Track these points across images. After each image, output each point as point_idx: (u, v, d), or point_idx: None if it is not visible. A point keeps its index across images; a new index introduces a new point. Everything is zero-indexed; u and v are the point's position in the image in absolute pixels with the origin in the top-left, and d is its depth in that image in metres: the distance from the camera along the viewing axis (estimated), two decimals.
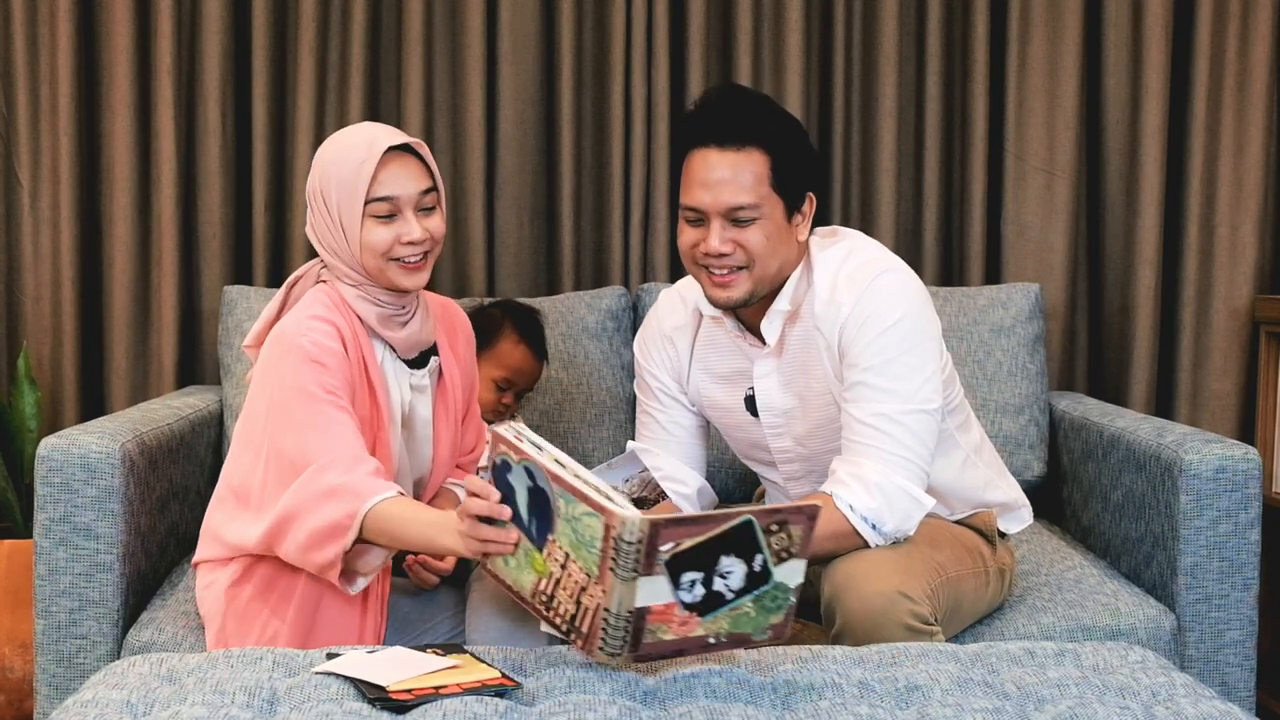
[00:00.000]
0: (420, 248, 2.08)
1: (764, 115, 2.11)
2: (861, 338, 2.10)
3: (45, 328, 3.19)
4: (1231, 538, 2.37)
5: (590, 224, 3.25)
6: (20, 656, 2.85)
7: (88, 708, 1.59)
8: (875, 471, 2.07)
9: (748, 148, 2.07)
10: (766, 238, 2.09)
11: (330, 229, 2.09)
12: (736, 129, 2.07)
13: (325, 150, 2.11)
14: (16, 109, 3.16)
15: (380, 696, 1.60)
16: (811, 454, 2.26)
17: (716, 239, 2.08)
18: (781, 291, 2.16)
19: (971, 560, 2.23)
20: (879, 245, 2.23)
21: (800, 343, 2.19)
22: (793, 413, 2.23)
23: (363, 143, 2.07)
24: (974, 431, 2.35)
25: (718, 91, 2.18)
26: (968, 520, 2.31)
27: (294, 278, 2.21)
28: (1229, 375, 3.23)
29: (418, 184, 2.08)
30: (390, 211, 2.06)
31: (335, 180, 2.07)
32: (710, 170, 2.08)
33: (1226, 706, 1.61)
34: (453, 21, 3.19)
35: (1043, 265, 3.24)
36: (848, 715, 1.57)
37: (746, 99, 2.14)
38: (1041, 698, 1.65)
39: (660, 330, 2.34)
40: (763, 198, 2.08)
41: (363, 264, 2.08)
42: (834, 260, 2.16)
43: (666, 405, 2.34)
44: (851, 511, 2.06)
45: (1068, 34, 3.19)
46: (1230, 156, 3.22)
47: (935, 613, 2.05)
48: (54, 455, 2.28)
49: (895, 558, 2.06)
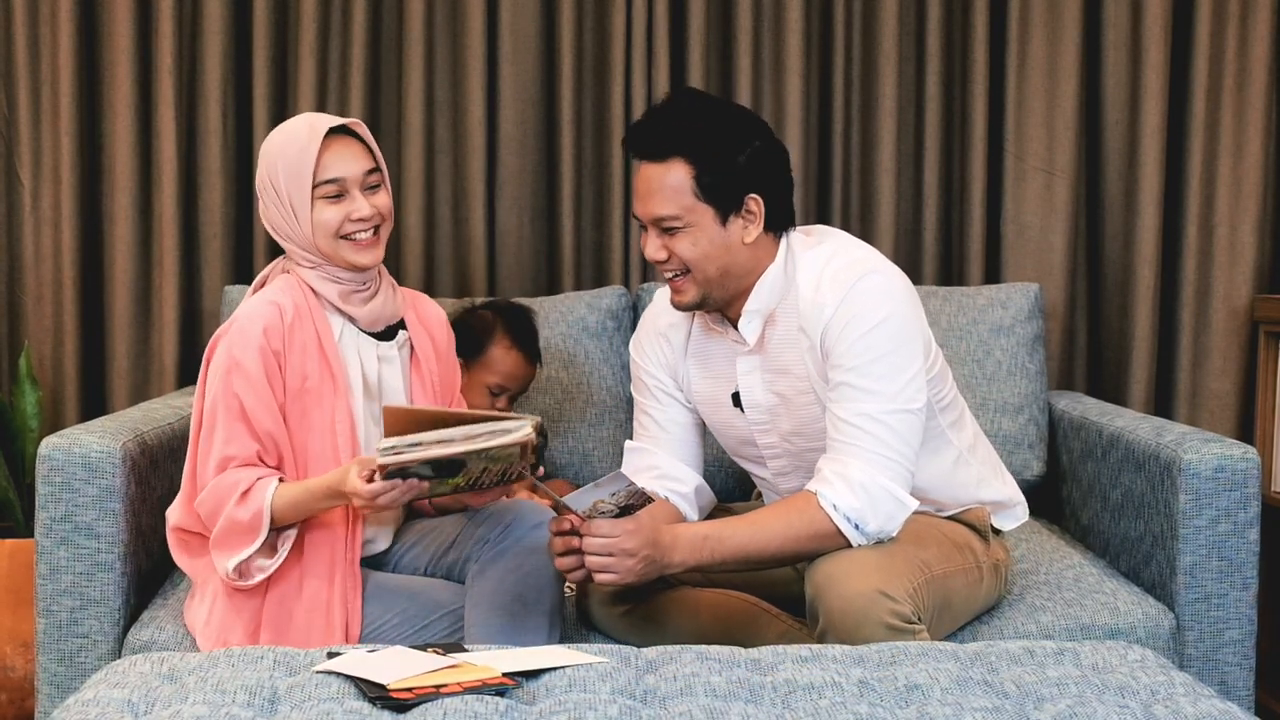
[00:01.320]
0: (369, 223, 2.19)
1: (687, 125, 2.13)
2: (845, 338, 2.11)
3: (46, 327, 3.19)
4: (1230, 537, 2.38)
5: (590, 224, 3.26)
6: (21, 655, 2.85)
7: (89, 707, 1.60)
8: (860, 471, 2.08)
9: (669, 159, 2.13)
10: (694, 244, 2.14)
11: (283, 216, 2.19)
12: (657, 142, 2.14)
13: (269, 142, 2.21)
14: (18, 109, 3.16)
15: (381, 695, 1.60)
16: (798, 450, 2.27)
17: (650, 246, 2.18)
18: (754, 291, 2.19)
19: (961, 556, 2.23)
20: (864, 245, 2.24)
21: (781, 342, 2.21)
22: (776, 409, 2.25)
23: (304, 129, 2.18)
24: (968, 430, 2.35)
25: (660, 103, 2.22)
26: (959, 516, 2.32)
27: (262, 276, 2.29)
28: (1228, 375, 3.23)
29: (361, 164, 2.19)
30: (338, 192, 2.18)
31: (282, 168, 2.17)
32: (641, 181, 2.17)
33: (1225, 705, 1.61)
34: (453, 22, 3.19)
35: (1042, 265, 3.24)
36: (847, 714, 1.58)
37: (675, 110, 2.17)
38: (1041, 696, 1.65)
39: (655, 327, 2.36)
40: (685, 208, 2.12)
41: (317, 245, 2.19)
42: (818, 261, 2.18)
43: (663, 402, 2.35)
44: (835, 511, 2.07)
45: (1067, 34, 3.19)
46: (1229, 156, 3.22)
47: (919, 611, 2.05)
48: (55, 454, 2.29)
49: (876, 556, 2.07)
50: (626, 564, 2.03)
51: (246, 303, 2.21)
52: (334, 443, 2.17)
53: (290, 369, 2.16)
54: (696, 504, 2.36)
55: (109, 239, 3.18)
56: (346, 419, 2.18)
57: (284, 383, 2.16)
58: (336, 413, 2.18)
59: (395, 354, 2.28)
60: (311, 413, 2.17)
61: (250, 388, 2.12)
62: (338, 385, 2.18)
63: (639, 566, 2.04)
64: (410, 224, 3.19)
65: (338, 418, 2.18)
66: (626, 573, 2.04)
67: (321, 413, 2.18)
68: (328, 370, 2.18)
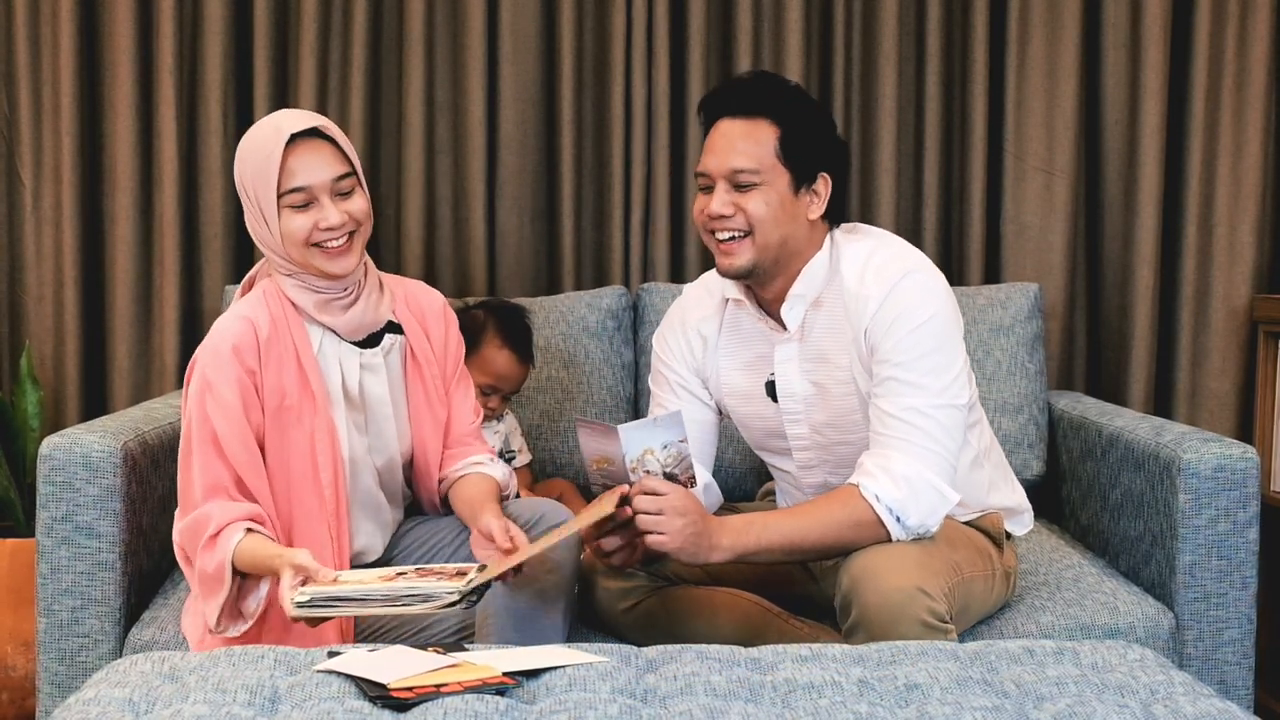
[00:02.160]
0: (340, 231, 2.10)
1: (778, 90, 2.19)
2: (893, 334, 2.12)
3: (47, 327, 3.19)
4: (1230, 536, 2.38)
5: (591, 224, 3.26)
6: (22, 655, 2.85)
7: (90, 706, 1.60)
8: (903, 464, 2.08)
9: (757, 117, 2.15)
10: (767, 204, 2.14)
11: (255, 222, 2.13)
12: (748, 99, 2.17)
13: (240, 145, 2.14)
14: (19, 109, 3.17)
15: (381, 695, 1.60)
16: (828, 443, 2.27)
17: (718, 201, 2.16)
18: (800, 276, 2.19)
19: (982, 562, 2.25)
20: (905, 243, 2.26)
21: (824, 331, 2.22)
22: (811, 399, 2.25)
23: (270, 133, 2.09)
24: (985, 434, 2.37)
25: (741, 76, 2.26)
26: (976, 522, 2.32)
27: (247, 280, 2.25)
28: (1227, 374, 3.24)
29: (330, 170, 2.09)
30: (305, 200, 2.09)
31: (250, 174, 2.10)
32: (720, 137, 2.17)
33: (1225, 705, 1.61)
34: (454, 22, 3.19)
35: (1042, 265, 3.24)
36: (847, 713, 1.58)
37: (767, 78, 2.23)
38: (1040, 696, 1.65)
39: (684, 321, 2.36)
40: (765, 165, 2.14)
41: (288, 253, 2.11)
42: (862, 252, 2.20)
43: (682, 398, 2.35)
44: (878, 501, 2.07)
45: (1067, 34, 3.19)
46: (1228, 156, 3.22)
47: (950, 611, 2.06)
48: (56, 454, 2.29)
49: (916, 553, 2.07)
50: (676, 524, 2.00)
51: (223, 318, 2.16)
52: (314, 461, 2.12)
53: (267, 388, 2.11)
54: (705, 501, 2.35)
55: (110, 238, 3.19)
56: (327, 435, 2.13)
57: (261, 404, 2.11)
58: (317, 431, 2.12)
59: (380, 361, 2.23)
60: (291, 430, 2.12)
61: (223, 413, 2.06)
62: (317, 401, 2.13)
63: (688, 530, 2.01)
64: (410, 224, 3.19)
65: (318, 436, 2.12)
66: (675, 534, 2.00)
67: (301, 430, 2.12)
68: (306, 386, 2.13)
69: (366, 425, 2.21)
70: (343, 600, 1.87)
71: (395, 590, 1.88)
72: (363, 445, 2.21)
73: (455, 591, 1.88)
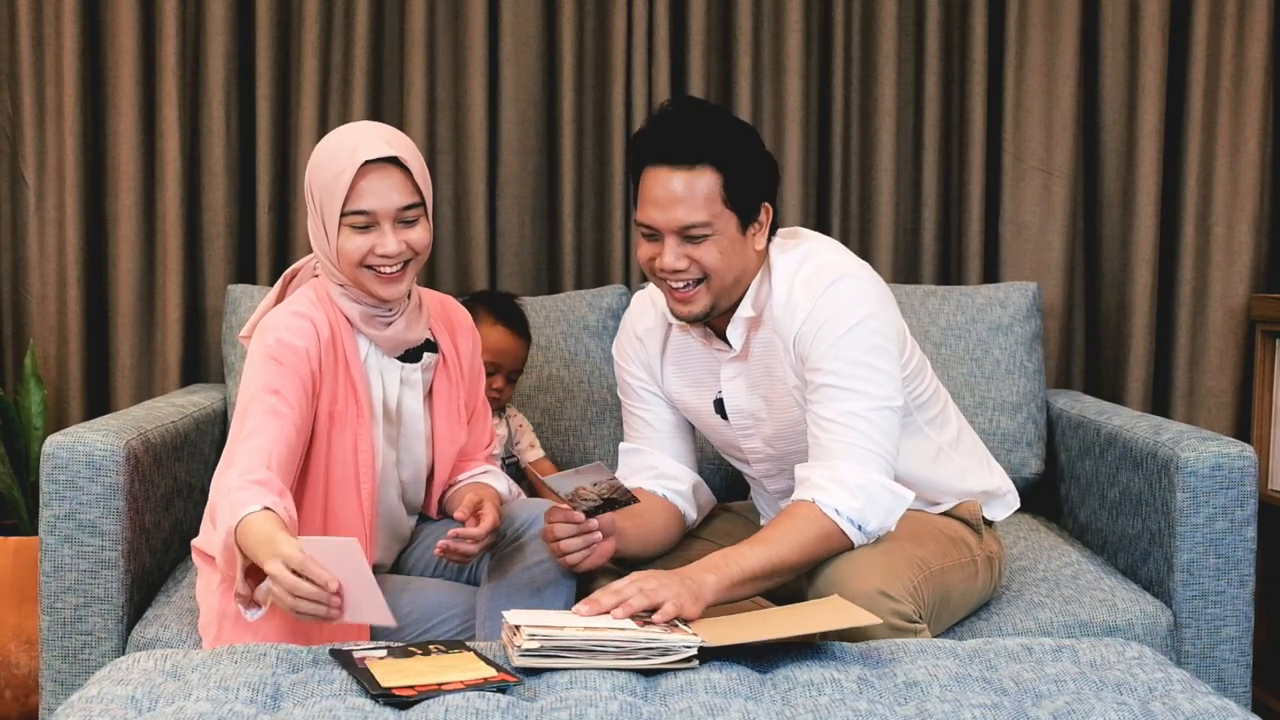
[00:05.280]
0: (395, 260, 2.08)
1: (716, 132, 2.11)
2: (822, 341, 2.11)
3: (51, 326, 3.20)
4: (1228, 534, 2.39)
5: (591, 224, 3.27)
6: (26, 652, 2.86)
7: (92, 703, 1.60)
8: (852, 472, 2.07)
9: (699, 166, 2.08)
10: (720, 253, 2.10)
11: (316, 230, 2.12)
12: (688, 147, 2.08)
13: (315, 151, 2.12)
14: (22, 109, 3.17)
15: (383, 692, 1.61)
16: (781, 454, 2.28)
17: (670, 255, 2.10)
18: (744, 298, 2.18)
19: (957, 551, 2.24)
20: (838, 247, 2.24)
21: (764, 347, 2.21)
22: (759, 414, 2.25)
23: (346, 150, 2.06)
24: (950, 426, 2.35)
25: (671, 107, 2.16)
26: (951, 511, 2.33)
27: (291, 271, 2.24)
28: (1225, 373, 3.24)
29: (399, 198, 2.07)
30: (367, 223, 2.06)
31: (319, 185, 2.09)
32: (662, 188, 2.08)
33: (1222, 702, 1.61)
34: (455, 23, 3.20)
35: (1040, 264, 3.25)
36: (847, 711, 1.58)
37: (699, 115, 2.13)
38: (1039, 693, 1.66)
39: (634, 331, 2.36)
40: (714, 215, 2.09)
41: (340, 268, 2.10)
42: (791, 264, 2.17)
43: (649, 402, 2.35)
44: (839, 515, 2.06)
45: (1065, 35, 3.20)
46: (1226, 156, 3.23)
47: (920, 610, 2.06)
48: (59, 453, 2.29)
49: (875, 557, 2.07)
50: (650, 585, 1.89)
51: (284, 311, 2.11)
52: (356, 471, 2.12)
53: (324, 393, 2.10)
54: (695, 502, 2.37)
55: (113, 238, 3.19)
56: (369, 447, 2.13)
57: (315, 408, 2.09)
58: (359, 440, 2.12)
59: (419, 377, 2.22)
60: (335, 438, 2.11)
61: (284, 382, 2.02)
62: (362, 411, 2.12)
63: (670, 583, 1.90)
64: None
65: (360, 445, 2.12)
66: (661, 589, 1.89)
67: (344, 439, 2.11)
68: (353, 395, 2.12)
69: (398, 439, 2.22)
70: (574, 651, 1.75)
71: (633, 641, 1.77)
72: (391, 458, 2.21)
73: (692, 645, 1.76)
